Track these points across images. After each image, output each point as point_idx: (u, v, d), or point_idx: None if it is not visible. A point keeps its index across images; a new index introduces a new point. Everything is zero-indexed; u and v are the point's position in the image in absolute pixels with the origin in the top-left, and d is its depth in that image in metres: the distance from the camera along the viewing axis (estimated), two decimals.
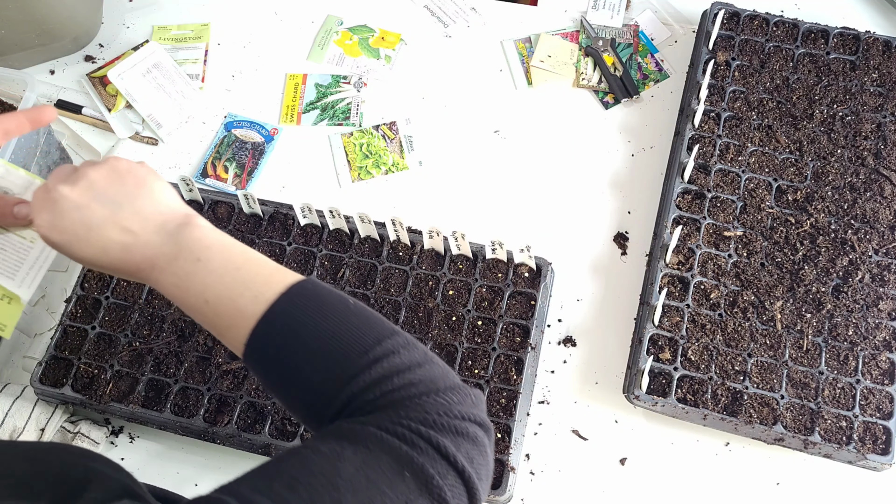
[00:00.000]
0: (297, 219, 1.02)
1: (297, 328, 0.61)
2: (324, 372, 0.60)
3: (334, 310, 0.62)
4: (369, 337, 0.60)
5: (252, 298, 0.63)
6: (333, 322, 0.61)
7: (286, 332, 0.61)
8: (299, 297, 0.62)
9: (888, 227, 1.00)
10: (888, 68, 1.08)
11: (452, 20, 1.22)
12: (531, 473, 0.96)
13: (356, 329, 0.60)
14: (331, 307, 0.62)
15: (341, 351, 0.59)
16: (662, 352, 0.95)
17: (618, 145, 1.13)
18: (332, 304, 0.62)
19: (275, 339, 0.62)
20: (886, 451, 0.91)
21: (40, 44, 1.14)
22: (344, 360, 0.59)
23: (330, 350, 0.60)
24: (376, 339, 0.60)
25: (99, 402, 0.94)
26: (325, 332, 0.60)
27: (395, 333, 0.61)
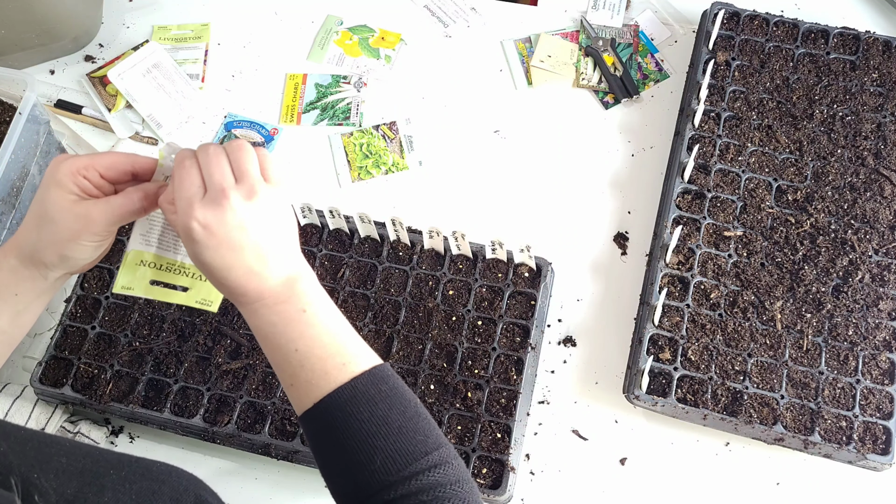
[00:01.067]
0: (297, 219, 1.02)
1: (371, 408, 0.65)
2: (374, 463, 0.63)
3: (403, 404, 0.66)
4: (423, 445, 0.64)
5: (340, 365, 0.66)
6: (399, 416, 0.65)
7: (358, 409, 0.65)
8: (380, 380, 0.67)
9: (888, 227, 1.00)
10: (888, 68, 1.08)
11: (452, 20, 1.22)
12: (531, 473, 0.96)
13: (415, 432, 0.65)
14: (401, 399, 0.66)
15: (398, 449, 0.64)
16: (662, 352, 0.95)
17: (618, 145, 1.13)
18: (404, 396, 0.67)
19: (345, 410, 0.65)
20: (886, 451, 0.91)
21: (40, 44, 1.14)
22: (398, 458, 0.63)
23: (388, 444, 0.64)
24: (427, 449, 0.64)
25: (99, 402, 0.94)
26: (390, 423, 0.64)
27: (443, 445, 0.66)
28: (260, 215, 0.66)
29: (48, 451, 0.57)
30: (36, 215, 0.71)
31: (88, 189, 0.71)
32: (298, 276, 0.69)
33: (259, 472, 0.96)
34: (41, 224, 0.70)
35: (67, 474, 0.56)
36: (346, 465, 0.65)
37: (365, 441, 0.64)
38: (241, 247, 0.66)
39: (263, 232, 0.66)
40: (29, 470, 0.54)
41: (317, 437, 0.68)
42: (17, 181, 1.01)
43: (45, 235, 0.70)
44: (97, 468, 0.58)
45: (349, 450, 0.65)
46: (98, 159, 0.71)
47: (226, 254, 0.66)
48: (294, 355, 0.67)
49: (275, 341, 0.68)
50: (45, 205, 0.70)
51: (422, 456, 0.64)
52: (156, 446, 0.98)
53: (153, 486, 0.59)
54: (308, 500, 0.95)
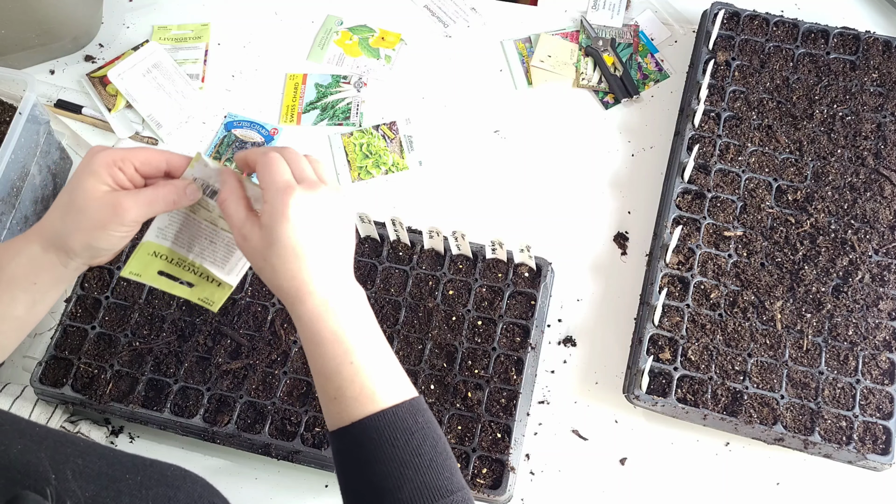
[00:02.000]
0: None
1: (407, 437, 0.66)
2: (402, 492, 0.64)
3: (435, 438, 0.68)
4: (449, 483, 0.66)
5: (387, 388, 0.68)
6: (430, 450, 0.66)
7: (395, 435, 0.66)
8: (417, 411, 0.68)
9: (888, 227, 1.00)
10: (888, 68, 1.08)
11: (452, 20, 1.22)
12: (531, 473, 0.96)
13: (443, 468, 0.66)
14: (434, 433, 0.68)
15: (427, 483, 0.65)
16: (662, 352, 0.95)
17: (618, 145, 1.13)
18: (436, 430, 0.68)
19: (383, 435, 0.66)
20: (886, 451, 0.91)
21: (40, 44, 1.14)
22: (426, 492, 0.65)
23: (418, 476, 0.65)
24: (453, 488, 0.65)
25: (99, 402, 0.94)
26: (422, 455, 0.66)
27: (465, 488, 0.67)
28: (343, 208, 0.70)
29: (65, 451, 0.57)
30: (65, 203, 0.71)
31: (122, 181, 0.71)
32: (359, 287, 0.71)
33: (259, 472, 0.96)
34: (70, 211, 0.70)
35: (85, 477, 0.55)
36: (373, 488, 0.65)
37: (396, 469, 0.65)
38: (326, 232, 0.68)
39: (343, 225, 0.70)
40: (46, 471, 0.54)
41: (347, 455, 0.68)
42: (17, 181, 1.01)
43: (72, 222, 0.70)
44: (113, 472, 0.57)
45: (378, 474, 0.65)
46: (135, 153, 0.72)
47: (312, 236, 0.67)
48: (347, 368, 0.67)
49: (332, 349, 0.68)
50: (77, 192, 0.70)
51: (447, 494, 0.65)
52: (156, 446, 0.98)
53: (169, 492, 0.59)
54: (308, 500, 0.95)
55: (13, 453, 0.54)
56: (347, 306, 0.69)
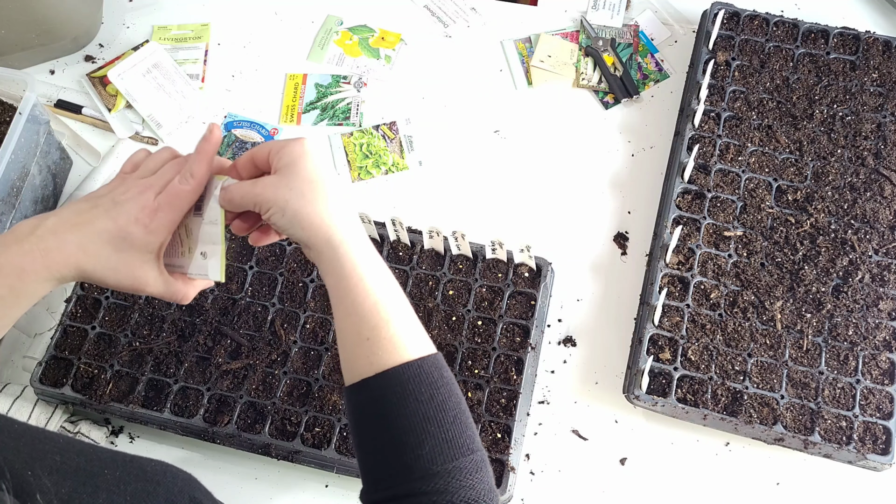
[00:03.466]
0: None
1: (431, 392, 0.64)
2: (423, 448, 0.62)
3: (458, 395, 0.66)
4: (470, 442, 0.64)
5: (415, 338, 0.66)
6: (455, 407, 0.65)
7: (420, 388, 0.64)
8: (442, 366, 0.66)
9: (888, 227, 1.00)
10: (888, 68, 1.08)
11: (452, 20, 1.22)
12: (531, 473, 0.96)
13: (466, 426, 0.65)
14: (456, 390, 0.66)
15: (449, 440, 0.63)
16: (662, 352, 0.95)
17: (618, 145, 1.13)
18: (456, 388, 0.67)
19: (407, 387, 0.64)
20: (886, 451, 0.91)
21: (40, 44, 1.14)
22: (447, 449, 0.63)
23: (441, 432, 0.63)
24: (473, 448, 0.64)
25: (99, 402, 0.94)
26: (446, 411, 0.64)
27: (482, 449, 0.65)
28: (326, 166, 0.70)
29: (42, 447, 0.56)
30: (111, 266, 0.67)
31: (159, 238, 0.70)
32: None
33: (259, 472, 0.96)
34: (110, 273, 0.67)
35: (62, 473, 0.54)
36: (393, 444, 0.63)
37: (419, 424, 0.62)
38: (332, 174, 0.68)
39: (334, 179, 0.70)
40: (23, 467, 0.53)
41: (368, 408, 0.65)
42: (17, 181, 1.01)
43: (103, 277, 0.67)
44: (91, 467, 0.56)
45: (399, 428, 0.63)
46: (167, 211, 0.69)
47: (326, 171, 0.67)
48: (375, 311, 0.65)
49: (372, 282, 0.66)
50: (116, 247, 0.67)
51: (468, 453, 0.63)
52: (156, 446, 0.98)
53: (148, 487, 0.58)
54: (308, 500, 0.95)
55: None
56: (374, 253, 0.68)
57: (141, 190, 0.68)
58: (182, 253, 0.74)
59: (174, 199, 0.68)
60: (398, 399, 0.63)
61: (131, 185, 0.69)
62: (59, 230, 0.65)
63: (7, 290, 0.64)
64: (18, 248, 0.65)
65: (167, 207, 0.68)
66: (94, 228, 0.66)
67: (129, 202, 0.67)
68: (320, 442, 0.92)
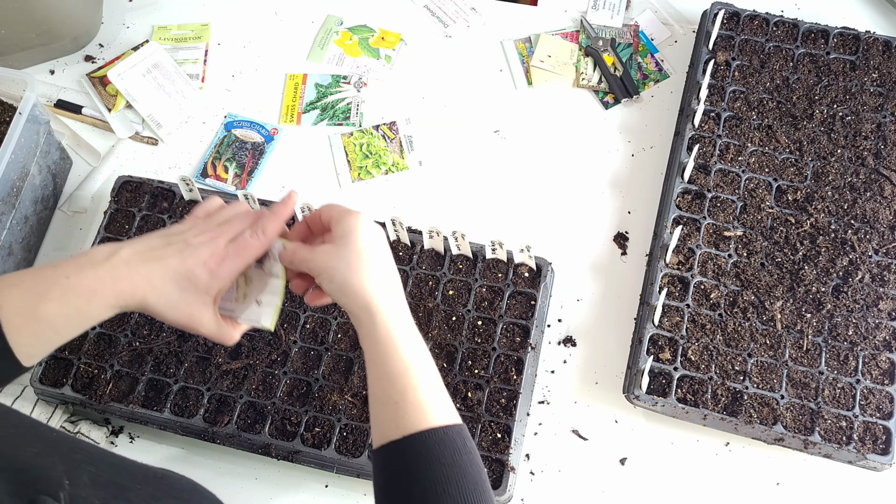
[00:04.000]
0: (298, 219, 1.02)
1: (454, 457, 0.67)
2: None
3: (479, 464, 0.69)
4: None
5: (441, 405, 0.69)
6: (476, 474, 0.67)
7: (442, 453, 0.67)
8: (466, 436, 0.70)
9: (888, 227, 1.00)
10: (888, 68, 1.08)
11: (452, 20, 1.22)
12: (531, 473, 0.96)
13: (485, 492, 0.67)
14: (477, 459, 0.69)
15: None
16: (662, 352, 0.95)
17: (618, 145, 1.13)
18: (478, 457, 0.69)
19: (433, 451, 0.67)
20: (886, 451, 0.91)
21: (40, 44, 1.14)
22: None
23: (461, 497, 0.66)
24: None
25: (99, 402, 0.94)
26: (467, 478, 0.67)
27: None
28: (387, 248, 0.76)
29: (76, 457, 0.56)
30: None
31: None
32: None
33: (259, 472, 0.96)
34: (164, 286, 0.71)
35: (96, 485, 0.55)
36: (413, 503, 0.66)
37: (440, 486, 0.65)
38: (386, 252, 0.74)
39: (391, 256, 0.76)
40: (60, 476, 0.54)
41: (392, 470, 0.68)
42: (17, 181, 1.01)
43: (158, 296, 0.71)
44: (123, 481, 0.57)
45: (421, 490, 0.66)
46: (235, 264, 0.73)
47: (378, 248, 0.73)
48: (412, 375, 0.69)
49: (404, 349, 0.70)
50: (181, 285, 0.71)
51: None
52: (156, 446, 0.98)
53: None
54: (308, 500, 0.95)
55: (27, 456, 0.53)
56: (410, 323, 0.73)
57: (213, 236, 0.73)
58: (236, 299, 0.78)
59: (243, 250, 0.73)
60: (422, 462, 0.66)
61: (205, 230, 0.73)
62: (131, 261, 0.70)
63: (74, 310, 0.68)
64: (93, 272, 0.68)
65: (235, 256, 0.72)
66: (164, 265, 0.70)
67: (201, 246, 0.71)
68: (320, 442, 0.92)
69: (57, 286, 0.68)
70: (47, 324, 0.68)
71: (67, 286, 0.68)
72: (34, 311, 0.67)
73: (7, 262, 1.02)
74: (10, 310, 0.67)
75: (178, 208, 1.04)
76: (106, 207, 1.05)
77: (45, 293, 0.68)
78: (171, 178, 1.10)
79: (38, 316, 0.67)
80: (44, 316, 0.67)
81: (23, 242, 1.05)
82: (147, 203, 1.05)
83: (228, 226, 0.74)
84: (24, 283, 0.69)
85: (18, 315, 0.67)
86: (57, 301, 0.67)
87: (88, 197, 1.12)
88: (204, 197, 1.04)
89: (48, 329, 0.68)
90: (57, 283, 0.68)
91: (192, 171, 1.13)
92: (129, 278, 0.69)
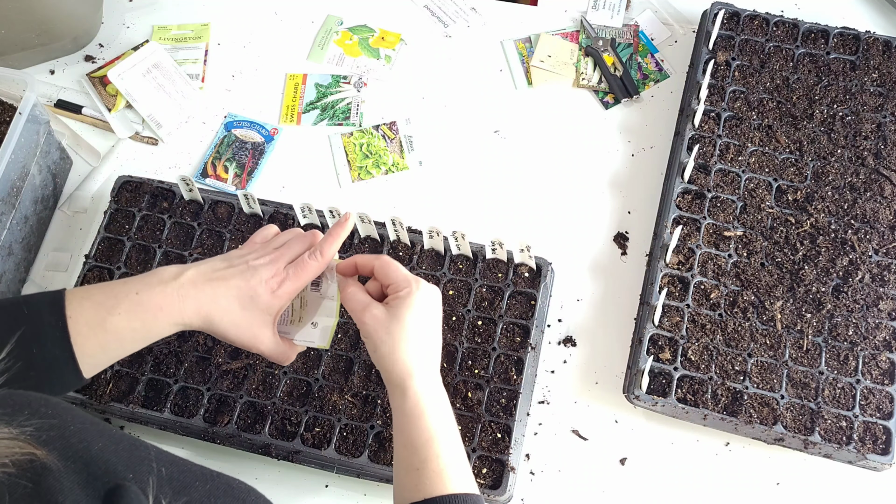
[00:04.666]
0: (298, 219, 1.02)
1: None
2: None
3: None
4: None
5: (460, 477, 0.73)
6: None
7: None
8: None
9: (888, 227, 1.00)
10: (888, 68, 1.08)
11: (452, 20, 1.22)
12: (531, 473, 0.96)
13: None
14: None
15: None
16: (662, 352, 0.95)
17: (618, 145, 1.13)
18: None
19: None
20: (886, 451, 0.91)
21: (40, 44, 1.14)
22: None
23: None
24: None
25: (99, 402, 0.94)
26: None
27: None
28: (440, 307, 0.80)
29: (138, 454, 0.58)
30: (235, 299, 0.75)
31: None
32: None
33: (259, 472, 0.96)
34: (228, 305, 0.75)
35: (160, 481, 0.57)
36: None
37: None
38: (433, 322, 0.78)
39: (439, 321, 0.80)
40: (125, 471, 0.55)
41: None
42: (17, 181, 1.01)
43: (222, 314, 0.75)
44: (183, 478, 0.59)
45: None
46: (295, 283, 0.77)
47: (426, 322, 0.77)
48: (436, 444, 0.73)
49: (430, 421, 0.73)
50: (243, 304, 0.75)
51: None
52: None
53: (236, 503, 0.61)
54: (308, 500, 0.95)
55: (94, 450, 0.55)
56: (440, 393, 0.76)
57: (274, 259, 0.77)
58: (292, 321, 0.82)
59: (302, 271, 0.77)
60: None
61: (264, 253, 0.78)
62: (197, 282, 0.74)
63: (141, 323, 0.73)
64: (161, 289, 0.73)
65: (294, 277, 0.76)
66: (228, 284, 0.75)
67: (262, 267, 0.76)
68: (320, 442, 0.92)
69: (126, 300, 0.73)
70: (114, 336, 0.73)
71: (136, 301, 0.73)
72: (103, 323, 0.72)
73: (7, 262, 1.02)
74: (79, 320, 0.72)
75: (178, 208, 1.04)
76: (106, 207, 1.05)
77: (114, 307, 0.72)
78: (171, 178, 1.10)
79: (107, 328, 0.72)
80: (112, 328, 0.72)
81: (23, 242, 1.05)
82: (147, 203, 1.05)
83: (287, 248, 0.78)
84: (94, 296, 0.73)
85: (87, 326, 0.72)
86: (125, 315, 0.72)
87: (88, 197, 1.12)
88: (204, 197, 1.05)
89: (114, 341, 0.73)
90: (126, 298, 0.73)
91: (192, 171, 1.13)
92: (195, 297, 0.74)
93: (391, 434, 0.91)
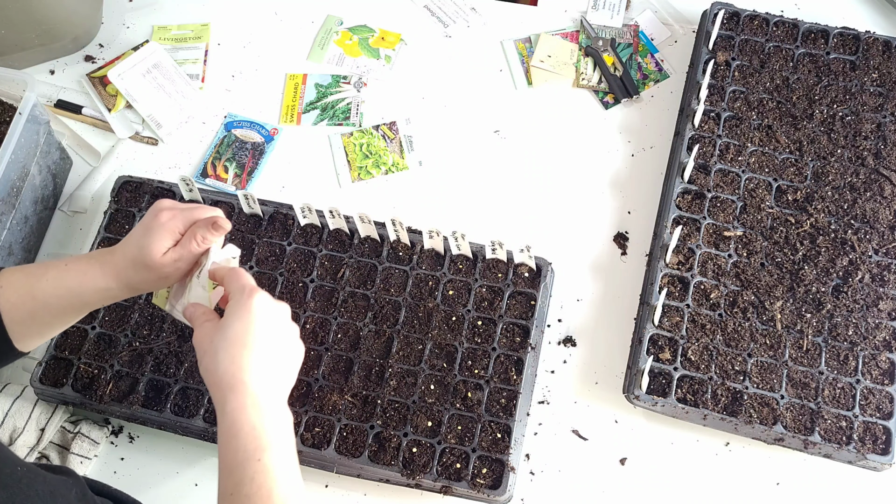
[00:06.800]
0: (297, 219, 1.02)
1: None
2: None
3: None
4: None
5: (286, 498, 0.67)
6: None
7: None
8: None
9: (888, 227, 1.00)
10: (888, 68, 1.08)
11: (452, 20, 1.22)
12: (531, 473, 0.96)
13: None
14: None
15: None
16: (662, 352, 0.95)
17: (618, 145, 1.13)
18: None
19: None
20: (886, 451, 0.91)
21: (40, 44, 1.14)
22: None
23: None
24: None
25: (99, 402, 0.94)
26: None
27: None
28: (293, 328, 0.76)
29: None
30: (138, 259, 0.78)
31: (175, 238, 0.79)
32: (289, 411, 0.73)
33: None
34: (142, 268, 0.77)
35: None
36: None
37: None
38: (275, 336, 0.73)
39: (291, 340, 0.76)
40: None
41: None
42: (17, 181, 1.01)
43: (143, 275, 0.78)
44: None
45: None
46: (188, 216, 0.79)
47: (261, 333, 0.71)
48: (254, 465, 0.67)
49: (245, 443, 0.68)
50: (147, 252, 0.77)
51: None
52: (156, 446, 0.98)
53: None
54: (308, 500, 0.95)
55: None
56: (274, 409, 0.70)
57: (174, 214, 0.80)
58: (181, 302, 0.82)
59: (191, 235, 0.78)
60: None
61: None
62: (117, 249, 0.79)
63: (66, 290, 0.77)
64: (88, 257, 0.80)
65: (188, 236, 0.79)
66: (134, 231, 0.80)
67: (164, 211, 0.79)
68: (320, 442, 0.92)
69: (55, 269, 0.77)
70: (42, 303, 0.76)
71: (63, 269, 0.77)
72: (31, 290, 0.76)
73: (7, 262, 1.02)
74: (8, 289, 0.76)
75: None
76: (106, 207, 1.05)
77: (42, 275, 0.77)
78: (171, 178, 1.10)
79: (35, 294, 0.76)
80: (40, 294, 0.76)
81: (23, 242, 1.05)
82: (147, 203, 1.05)
83: (191, 211, 0.79)
84: (27, 269, 0.78)
85: (16, 294, 0.76)
86: (52, 281, 0.76)
87: (88, 197, 1.12)
88: (204, 197, 1.05)
89: (42, 308, 0.77)
90: (55, 267, 0.77)
91: (192, 171, 1.13)
92: (112, 262, 0.78)
93: (391, 434, 0.91)
